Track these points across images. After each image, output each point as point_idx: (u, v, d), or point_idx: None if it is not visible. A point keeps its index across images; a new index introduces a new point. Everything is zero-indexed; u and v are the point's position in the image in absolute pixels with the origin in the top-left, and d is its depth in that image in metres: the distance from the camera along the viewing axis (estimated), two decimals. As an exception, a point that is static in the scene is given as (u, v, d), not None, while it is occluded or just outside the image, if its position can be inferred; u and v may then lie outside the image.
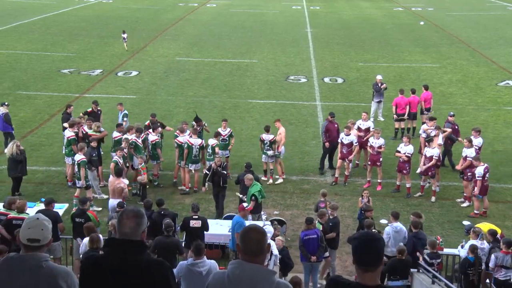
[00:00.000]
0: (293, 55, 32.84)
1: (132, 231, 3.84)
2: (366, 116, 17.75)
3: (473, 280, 10.53)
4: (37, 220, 4.06)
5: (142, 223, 3.89)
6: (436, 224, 14.22)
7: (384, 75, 24.14)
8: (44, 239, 4.00)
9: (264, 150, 16.28)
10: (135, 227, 3.85)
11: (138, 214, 3.91)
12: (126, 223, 3.85)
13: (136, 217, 3.87)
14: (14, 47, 33.44)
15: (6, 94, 23.94)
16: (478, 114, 22.48)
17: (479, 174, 14.25)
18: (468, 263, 10.57)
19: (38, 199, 14.12)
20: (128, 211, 3.93)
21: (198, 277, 7.04)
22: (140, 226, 3.87)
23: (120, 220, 3.89)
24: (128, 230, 3.84)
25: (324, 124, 17.01)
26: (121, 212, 3.98)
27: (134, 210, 3.94)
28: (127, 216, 3.88)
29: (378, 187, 16.09)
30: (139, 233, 3.86)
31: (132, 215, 3.88)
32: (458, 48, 35.49)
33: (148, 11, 50.10)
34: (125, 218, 3.87)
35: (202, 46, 35.09)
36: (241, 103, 23.60)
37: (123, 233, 3.85)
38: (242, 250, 3.83)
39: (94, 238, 10.17)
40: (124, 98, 22.96)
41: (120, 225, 3.87)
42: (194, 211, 11.72)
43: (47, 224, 4.05)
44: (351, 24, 44.55)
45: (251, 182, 13.40)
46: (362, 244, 3.56)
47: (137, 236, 3.85)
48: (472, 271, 10.51)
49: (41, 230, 3.99)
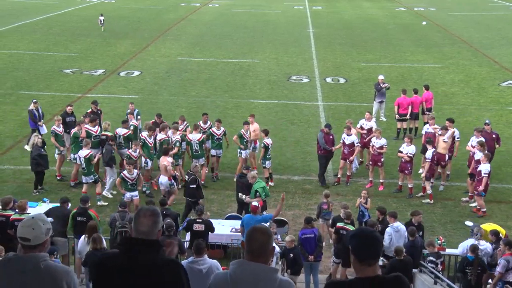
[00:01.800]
0: (295, 55, 32.84)
1: (149, 229, 3.80)
2: (370, 116, 17.71)
3: (471, 280, 10.47)
4: (31, 219, 4.01)
5: (159, 222, 3.86)
6: (438, 225, 14.20)
7: (386, 75, 24.13)
8: (34, 239, 3.93)
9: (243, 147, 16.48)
10: (152, 226, 3.81)
11: (155, 212, 3.88)
12: (143, 222, 3.80)
13: (153, 216, 3.83)
14: (17, 47, 33.50)
15: (8, 94, 24.00)
16: (480, 114, 22.43)
17: (485, 171, 14.19)
18: (467, 261, 10.52)
19: (40, 199, 14.14)
20: (145, 210, 3.88)
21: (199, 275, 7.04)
22: (156, 224, 3.83)
23: (137, 219, 3.83)
24: (145, 228, 3.79)
25: (320, 136, 16.30)
26: (138, 210, 3.93)
27: (150, 209, 3.90)
28: (144, 214, 3.83)
29: (380, 187, 16.08)
30: (155, 231, 3.82)
31: (149, 213, 3.84)
32: (460, 48, 35.44)
33: (150, 11, 50.14)
34: (142, 216, 3.82)
35: (204, 46, 35.10)
36: (243, 103, 23.60)
37: (140, 231, 3.80)
38: (247, 249, 3.83)
39: (97, 239, 10.15)
40: (126, 98, 23.01)
41: (137, 223, 3.81)
42: (198, 214, 11.70)
43: (40, 224, 3.96)
44: (353, 24, 44.53)
45: (255, 179, 13.39)
46: (363, 240, 3.60)
47: (154, 235, 3.81)
48: (471, 271, 10.46)
49: (32, 229, 3.93)
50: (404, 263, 10.49)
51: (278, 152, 18.20)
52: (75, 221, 11.57)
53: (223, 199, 15.45)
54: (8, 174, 16.43)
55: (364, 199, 13.24)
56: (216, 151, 16.45)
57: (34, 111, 17.72)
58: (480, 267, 10.48)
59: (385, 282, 3.58)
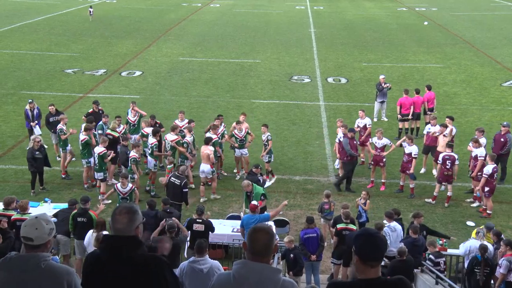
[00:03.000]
0: (297, 55, 32.83)
1: (124, 227, 3.83)
2: (363, 113, 17.73)
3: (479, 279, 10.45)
4: (35, 219, 4.03)
5: (135, 219, 3.88)
6: (440, 225, 14.16)
7: (387, 75, 24.13)
8: (36, 239, 3.95)
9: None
10: (128, 223, 3.84)
11: (131, 210, 3.91)
12: (119, 219, 3.85)
13: (128, 213, 3.87)
14: (19, 47, 33.53)
15: (10, 94, 24.02)
16: (482, 115, 22.41)
17: (486, 172, 14.22)
18: (476, 261, 10.49)
19: (42, 199, 14.14)
20: (121, 208, 3.93)
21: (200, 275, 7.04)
22: (132, 222, 3.86)
23: (113, 217, 3.89)
24: (121, 226, 3.84)
25: (345, 142, 15.69)
26: (115, 208, 3.99)
27: (127, 207, 3.94)
28: (119, 212, 3.89)
29: (381, 187, 16.06)
30: (132, 228, 3.85)
31: (125, 211, 3.88)
32: (462, 48, 35.40)
33: (152, 11, 50.16)
34: (117, 214, 3.88)
35: (206, 46, 35.11)
36: (245, 103, 23.59)
37: (116, 229, 3.86)
38: (249, 249, 3.83)
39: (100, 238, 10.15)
40: (127, 98, 23.01)
41: (113, 221, 3.88)
42: (198, 214, 11.64)
43: (44, 224, 3.99)
44: (355, 24, 44.51)
45: (250, 187, 13.00)
46: (367, 241, 3.58)
47: (130, 232, 3.84)
48: (479, 270, 10.44)
49: (35, 229, 3.95)
50: (406, 264, 10.48)
51: (279, 152, 18.19)
52: (75, 222, 11.54)
53: (224, 199, 15.43)
54: (10, 174, 16.44)
55: (364, 200, 13.20)
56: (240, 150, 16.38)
57: (28, 111, 17.75)
58: (488, 268, 10.45)
59: (387, 285, 3.57)
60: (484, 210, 14.65)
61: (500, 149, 15.91)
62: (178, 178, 13.58)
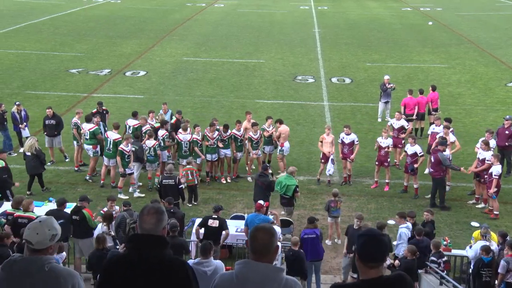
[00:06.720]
0: (301, 55, 32.80)
1: (153, 227, 3.85)
2: (399, 115, 17.57)
3: (486, 281, 10.40)
4: (38, 223, 4.03)
5: (163, 219, 3.90)
6: (444, 225, 14.13)
7: (392, 76, 24.06)
8: (37, 244, 3.95)
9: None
10: (156, 223, 3.86)
11: (159, 210, 3.93)
12: (147, 219, 3.86)
13: (156, 213, 3.89)
14: (23, 47, 33.63)
15: (15, 94, 24.08)
16: (486, 115, 22.34)
17: (496, 173, 14.12)
18: (482, 263, 10.44)
19: (46, 199, 14.16)
20: (149, 208, 3.94)
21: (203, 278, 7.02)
22: (160, 222, 3.88)
23: (141, 217, 3.90)
24: (149, 226, 3.85)
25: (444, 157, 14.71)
26: (142, 208, 3.99)
27: (155, 207, 3.96)
28: (148, 212, 3.90)
29: (385, 188, 16.03)
30: (159, 229, 3.88)
31: (153, 211, 3.90)
32: (467, 48, 35.30)
33: (156, 11, 50.21)
34: (146, 214, 3.89)
35: (210, 46, 35.12)
36: (249, 103, 23.57)
37: (143, 229, 3.86)
38: (250, 249, 3.83)
39: (101, 239, 10.15)
40: (132, 98, 23.06)
41: (141, 221, 3.89)
42: (214, 210, 11.86)
43: (45, 230, 3.98)
44: (359, 24, 44.43)
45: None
46: (369, 241, 3.56)
47: (158, 232, 3.87)
48: (486, 272, 10.39)
49: (36, 234, 3.95)
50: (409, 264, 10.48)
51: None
52: (72, 220, 11.49)
53: (228, 199, 15.45)
54: (14, 174, 16.41)
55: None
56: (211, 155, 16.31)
57: (15, 114, 17.76)
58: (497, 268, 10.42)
59: (387, 283, 3.56)
60: (491, 211, 14.58)
61: (504, 141, 15.87)
62: (170, 178, 13.86)
